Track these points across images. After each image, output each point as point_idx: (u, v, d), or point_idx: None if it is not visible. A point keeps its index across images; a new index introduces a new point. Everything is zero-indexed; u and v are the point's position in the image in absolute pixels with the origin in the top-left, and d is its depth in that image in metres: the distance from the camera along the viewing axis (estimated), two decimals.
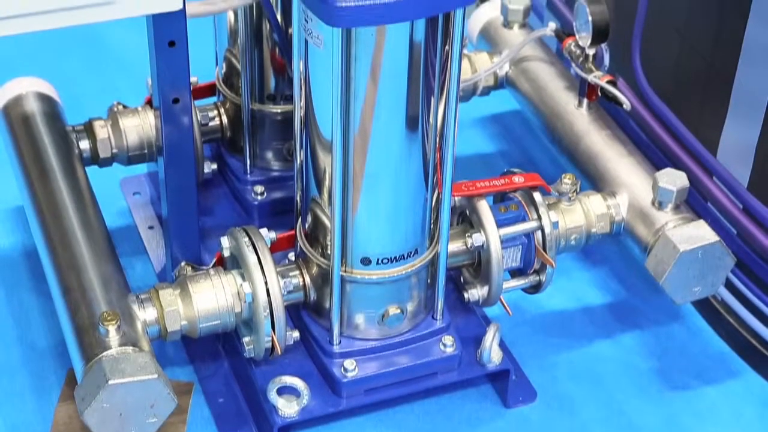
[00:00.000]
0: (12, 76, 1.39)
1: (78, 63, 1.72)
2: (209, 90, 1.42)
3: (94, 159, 1.35)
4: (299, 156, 1.16)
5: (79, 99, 1.57)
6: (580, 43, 1.36)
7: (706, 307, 1.41)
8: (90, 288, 1.15)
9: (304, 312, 1.23)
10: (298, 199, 1.20)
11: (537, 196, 1.26)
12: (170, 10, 1.05)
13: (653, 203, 1.27)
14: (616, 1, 1.48)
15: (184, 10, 1.07)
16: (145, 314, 1.16)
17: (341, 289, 1.18)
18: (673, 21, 1.39)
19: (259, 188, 1.39)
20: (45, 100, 1.36)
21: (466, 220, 1.27)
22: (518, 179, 1.27)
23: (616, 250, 1.46)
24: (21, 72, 1.40)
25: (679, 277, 1.24)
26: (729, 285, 1.36)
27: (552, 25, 1.43)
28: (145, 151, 1.36)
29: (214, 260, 1.22)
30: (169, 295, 1.17)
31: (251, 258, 1.16)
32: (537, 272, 1.28)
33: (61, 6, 0.99)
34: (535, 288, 1.29)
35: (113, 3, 1.01)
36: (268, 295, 1.16)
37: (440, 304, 1.23)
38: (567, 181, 1.28)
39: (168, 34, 1.10)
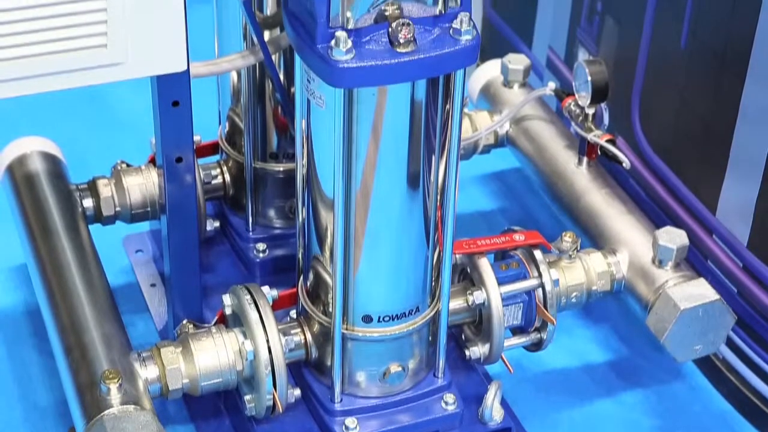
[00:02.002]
0: (17, 136, 1.40)
1: (82, 122, 1.73)
2: (212, 148, 1.43)
3: (98, 217, 1.36)
4: (301, 214, 1.17)
5: (83, 158, 1.58)
6: (580, 102, 1.37)
7: (707, 365, 1.41)
8: (91, 346, 1.15)
9: (306, 369, 1.23)
10: (300, 256, 1.21)
11: (538, 253, 1.27)
12: (175, 71, 1.07)
13: (653, 261, 1.28)
14: (615, 61, 1.50)
15: (188, 71, 1.08)
16: (146, 372, 1.16)
17: (342, 346, 1.18)
18: (672, 81, 1.40)
19: (261, 246, 1.39)
20: (49, 159, 1.38)
21: (467, 277, 1.27)
22: (519, 237, 1.28)
23: (617, 307, 1.47)
24: (26, 131, 1.42)
25: (680, 335, 1.24)
26: (730, 343, 1.36)
27: (552, 85, 1.44)
28: (148, 209, 1.37)
29: (216, 318, 1.23)
30: (170, 353, 1.17)
31: (253, 316, 1.17)
32: (538, 330, 1.28)
33: (67, 68, 1.00)
34: (537, 346, 1.29)
35: (119, 65, 1.03)
36: (270, 353, 1.16)
37: (441, 361, 1.23)
38: (567, 239, 1.29)
39: (172, 94, 1.12)
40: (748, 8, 1.25)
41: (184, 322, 1.24)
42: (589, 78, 1.34)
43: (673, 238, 1.27)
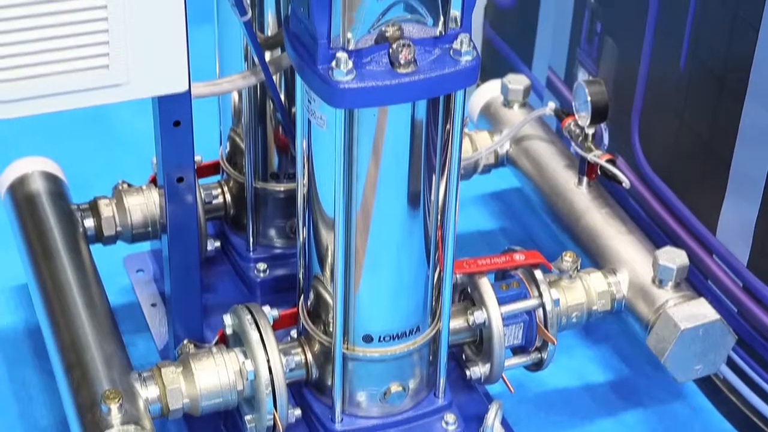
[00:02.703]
0: (18, 156, 1.41)
1: (84, 142, 1.74)
2: (213, 168, 1.44)
3: (99, 237, 1.36)
4: (302, 233, 1.17)
5: (84, 178, 1.58)
6: (580, 122, 1.37)
7: (708, 385, 1.41)
8: (92, 366, 1.15)
9: (306, 389, 1.23)
10: (301, 276, 1.21)
11: (538, 273, 1.27)
12: (176, 91, 1.07)
13: (654, 281, 1.28)
14: (614, 81, 1.51)
15: (189, 91, 1.09)
16: (147, 392, 1.16)
17: (343, 366, 1.18)
18: (671, 102, 1.41)
19: (261, 265, 1.39)
20: (50, 179, 1.38)
21: (467, 297, 1.27)
22: (519, 257, 1.28)
23: (617, 327, 1.47)
24: (27, 151, 1.42)
25: (680, 355, 1.24)
26: (731, 363, 1.36)
27: (552, 105, 1.44)
28: (149, 228, 1.37)
29: (217, 338, 1.23)
30: (171, 373, 1.17)
31: (254, 336, 1.17)
32: (539, 350, 1.28)
33: (69, 89, 1.01)
34: (537, 365, 1.29)
35: (121, 85, 1.03)
36: (271, 372, 1.16)
37: (442, 381, 1.23)
38: (568, 258, 1.29)
39: (173, 114, 1.12)
40: (746, 30, 1.26)
41: (185, 341, 1.24)
42: (589, 98, 1.35)
43: (673, 258, 1.27)
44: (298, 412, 1.20)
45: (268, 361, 1.16)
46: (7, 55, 0.98)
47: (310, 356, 1.21)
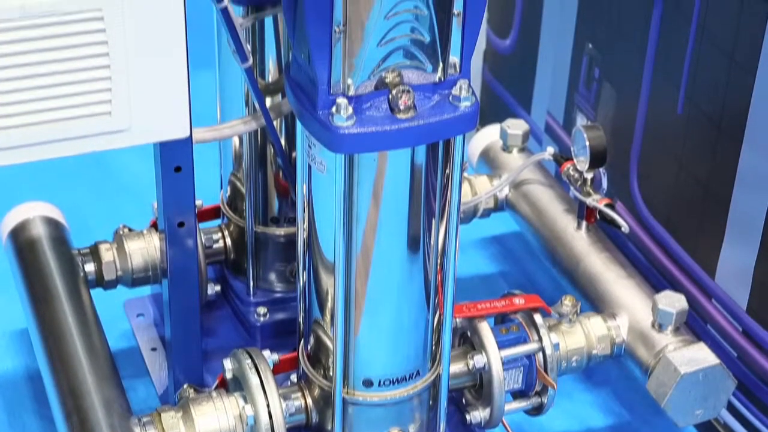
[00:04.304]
0: (20, 201, 1.41)
1: (85, 187, 1.74)
2: (214, 213, 1.44)
3: (99, 281, 1.36)
4: (302, 278, 1.17)
5: (85, 222, 1.59)
6: (578, 167, 1.38)
7: (708, 429, 1.40)
8: (92, 411, 1.15)
9: None
10: (301, 320, 1.21)
11: (538, 317, 1.27)
12: (178, 137, 1.08)
13: (653, 325, 1.28)
14: (613, 126, 1.51)
15: (190, 137, 1.09)
16: None
17: (343, 410, 1.18)
18: (669, 146, 1.41)
19: (261, 309, 1.39)
20: (52, 224, 1.38)
21: (467, 341, 1.27)
22: (519, 301, 1.28)
23: (617, 371, 1.46)
24: (29, 196, 1.43)
25: (680, 399, 1.24)
26: (731, 408, 1.36)
27: (550, 150, 1.45)
28: (150, 273, 1.37)
29: (217, 382, 1.23)
30: (171, 418, 1.17)
31: (254, 380, 1.17)
32: (539, 394, 1.28)
33: (72, 135, 1.02)
34: (537, 410, 1.29)
35: (122, 131, 1.04)
36: (270, 417, 1.16)
37: (442, 426, 1.23)
38: (567, 302, 1.29)
39: (174, 160, 1.13)
40: (743, 74, 1.27)
41: (185, 386, 1.24)
42: (588, 143, 1.36)
43: (673, 302, 1.27)
44: None
45: (268, 405, 1.16)
46: (11, 102, 0.99)
47: (310, 401, 1.21)
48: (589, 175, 1.38)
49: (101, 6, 0.98)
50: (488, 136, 1.58)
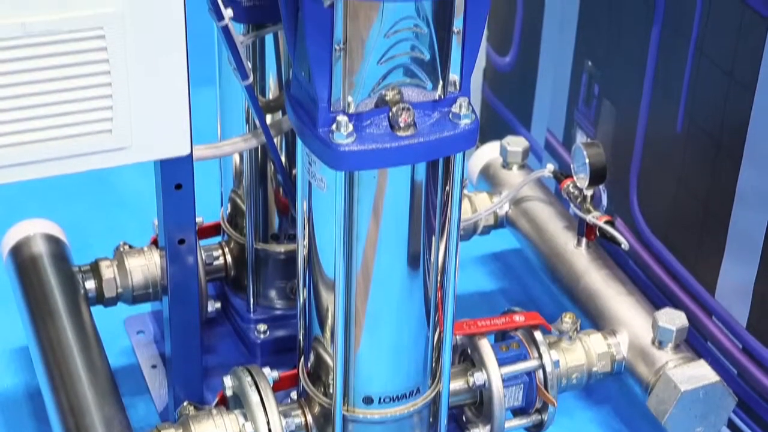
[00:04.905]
0: (21, 218, 1.41)
1: (86, 204, 1.74)
2: (214, 230, 1.44)
3: (100, 299, 1.36)
4: (302, 295, 1.18)
5: (86, 239, 1.59)
6: (578, 184, 1.38)
7: None
8: (92, 429, 1.15)
9: None
10: (301, 337, 1.21)
11: (538, 334, 1.27)
12: (179, 155, 1.08)
13: (653, 342, 1.28)
14: (612, 143, 1.52)
15: (191, 155, 1.10)
16: None
17: (343, 428, 1.17)
18: (669, 163, 1.42)
19: (262, 327, 1.39)
20: (52, 241, 1.39)
21: (467, 358, 1.27)
22: (519, 318, 1.28)
23: (617, 389, 1.46)
24: (30, 213, 1.43)
25: (681, 417, 1.24)
26: (731, 425, 1.36)
27: (550, 167, 1.45)
28: (150, 290, 1.37)
29: (217, 399, 1.23)
30: None
31: (254, 398, 1.16)
32: (539, 411, 1.28)
33: (73, 153, 1.02)
34: (538, 427, 1.29)
35: (124, 149, 1.04)
36: None
37: None
38: (567, 319, 1.29)
39: (175, 177, 1.13)
40: (742, 91, 1.27)
41: (185, 403, 1.23)
42: (587, 160, 1.36)
43: (673, 319, 1.28)
44: None
45: (268, 423, 1.15)
46: (13, 120, 0.99)
47: (310, 418, 1.20)
48: (589, 192, 1.38)
49: (102, 24, 0.98)
50: (488, 153, 1.59)
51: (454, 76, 1.05)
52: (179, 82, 1.04)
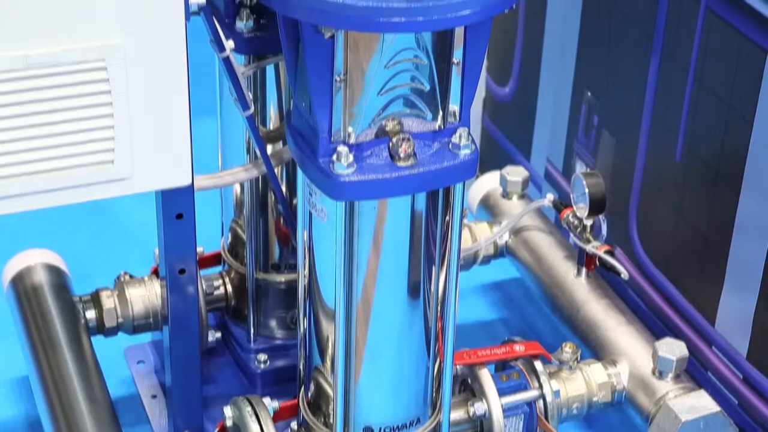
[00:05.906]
0: (22, 248, 1.41)
1: (87, 234, 1.74)
2: (215, 259, 1.45)
3: (100, 328, 1.36)
4: (303, 324, 1.18)
5: (87, 269, 1.59)
6: (578, 214, 1.39)
7: None
8: None
9: None
10: (301, 367, 1.21)
11: (538, 364, 1.27)
12: (180, 185, 1.08)
13: (654, 372, 1.28)
14: (612, 173, 1.52)
15: (192, 185, 1.10)
16: None
17: None
18: (668, 193, 1.42)
19: (262, 356, 1.39)
20: (53, 271, 1.39)
21: (467, 388, 1.27)
22: (519, 348, 1.28)
23: (618, 418, 1.46)
24: (31, 243, 1.43)
25: None
26: None
27: (550, 197, 1.46)
28: (151, 320, 1.37)
29: (217, 429, 1.22)
30: None
31: (254, 428, 1.16)
32: None
33: (75, 183, 1.02)
34: None
35: (125, 179, 1.04)
36: None
37: None
38: (568, 349, 1.29)
39: (176, 207, 1.13)
40: (741, 121, 1.28)
41: None
42: (587, 190, 1.36)
43: (673, 349, 1.27)
44: None
45: None
46: (15, 151, 0.99)
47: None
48: (588, 222, 1.38)
49: (104, 56, 0.99)
50: (488, 182, 1.59)
51: (453, 106, 1.05)
52: (181, 113, 1.04)
